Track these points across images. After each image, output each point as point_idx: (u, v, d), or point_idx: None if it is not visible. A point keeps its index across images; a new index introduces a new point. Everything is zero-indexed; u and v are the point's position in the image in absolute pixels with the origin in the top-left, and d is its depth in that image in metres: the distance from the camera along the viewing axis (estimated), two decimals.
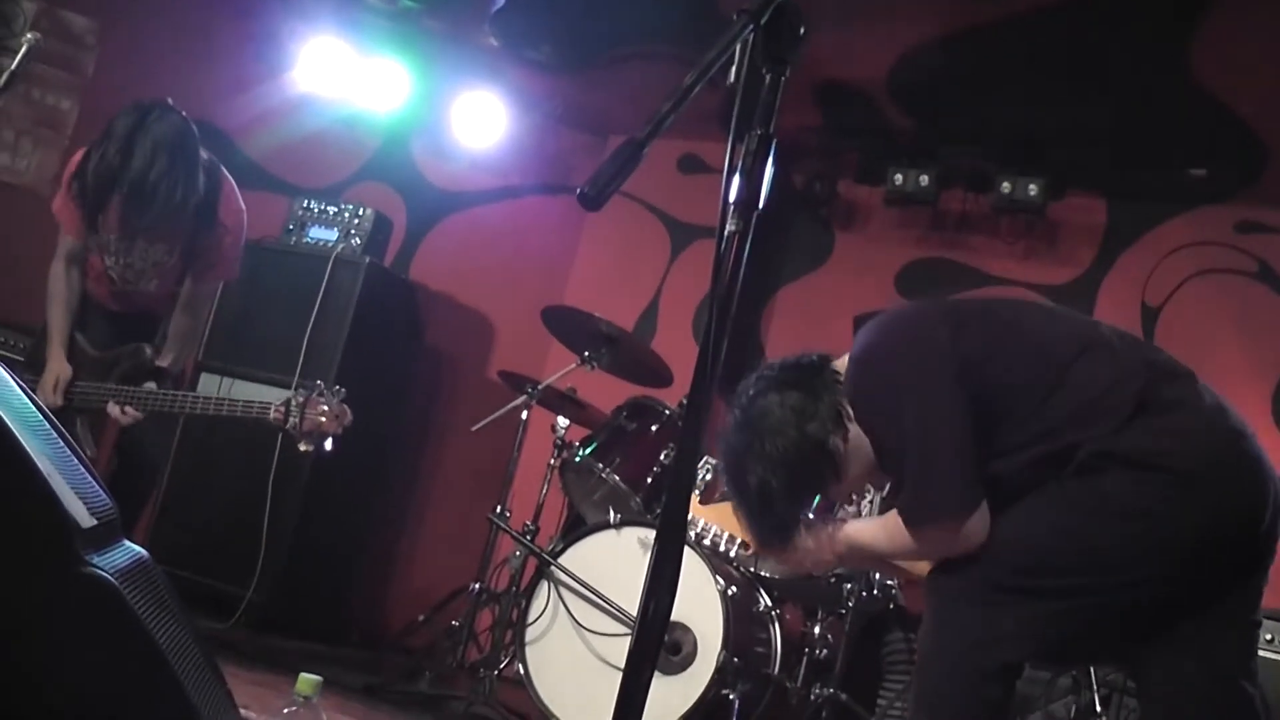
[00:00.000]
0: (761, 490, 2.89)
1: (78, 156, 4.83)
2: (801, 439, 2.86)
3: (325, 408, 4.46)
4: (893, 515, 2.88)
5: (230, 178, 4.98)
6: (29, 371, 4.83)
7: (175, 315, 4.99)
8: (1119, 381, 2.73)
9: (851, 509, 5.47)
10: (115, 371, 4.82)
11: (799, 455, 2.86)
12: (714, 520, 3.50)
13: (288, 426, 4.45)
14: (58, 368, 4.76)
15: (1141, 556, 2.67)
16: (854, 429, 2.90)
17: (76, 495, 2.02)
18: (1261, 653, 4.76)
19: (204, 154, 4.82)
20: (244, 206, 5.05)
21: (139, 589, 2.04)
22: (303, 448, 4.49)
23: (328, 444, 4.49)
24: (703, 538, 3.56)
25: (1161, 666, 2.80)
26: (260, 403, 4.58)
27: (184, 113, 4.76)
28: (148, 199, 4.57)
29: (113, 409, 4.67)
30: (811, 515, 3.02)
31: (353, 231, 6.79)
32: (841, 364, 2.99)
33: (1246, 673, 2.78)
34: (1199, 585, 2.71)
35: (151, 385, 4.78)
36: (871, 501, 5.22)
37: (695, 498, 3.43)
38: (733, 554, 3.56)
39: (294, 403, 4.46)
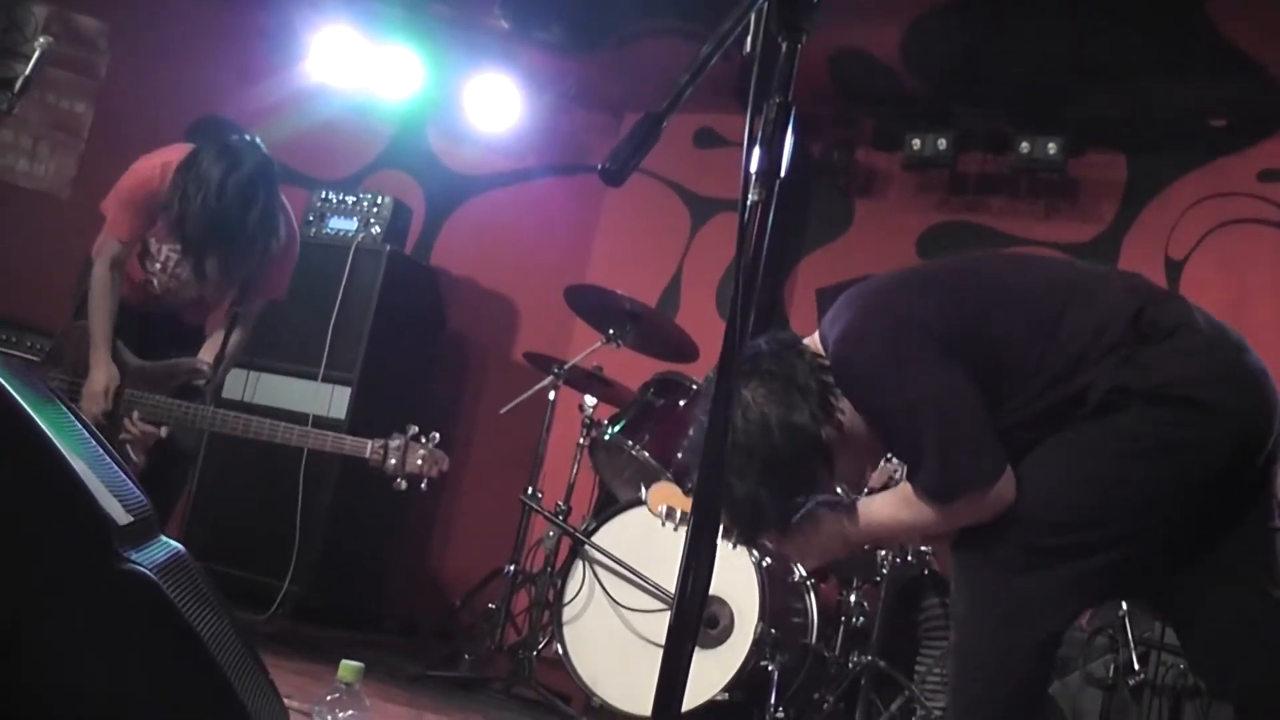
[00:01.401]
0: (751, 499, 2.75)
1: (145, 169, 4.76)
2: (789, 434, 2.72)
3: (424, 453, 4.59)
4: (906, 488, 2.78)
5: (285, 199, 4.93)
6: (54, 368, 4.81)
7: (233, 333, 4.95)
8: (1114, 313, 2.67)
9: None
10: (170, 385, 4.78)
11: (789, 452, 2.73)
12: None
13: (385, 468, 4.57)
14: (106, 373, 4.69)
15: (1182, 490, 2.63)
16: (846, 414, 2.79)
17: (111, 493, 2.02)
18: None
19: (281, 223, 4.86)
20: (296, 226, 5.08)
21: (178, 583, 2.04)
22: (401, 486, 4.61)
23: (423, 485, 4.64)
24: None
25: (1196, 595, 2.76)
26: (353, 441, 4.66)
27: (266, 151, 4.76)
28: (246, 250, 4.64)
29: (146, 428, 4.64)
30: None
31: (372, 220, 6.79)
32: (813, 343, 2.88)
33: (1275, 581, 2.74)
34: (1228, 506, 2.68)
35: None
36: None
37: (676, 490, 3.35)
38: (733, 545, 3.29)
39: (392, 446, 4.57)
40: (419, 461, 4.57)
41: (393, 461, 4.56)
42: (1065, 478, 2.69)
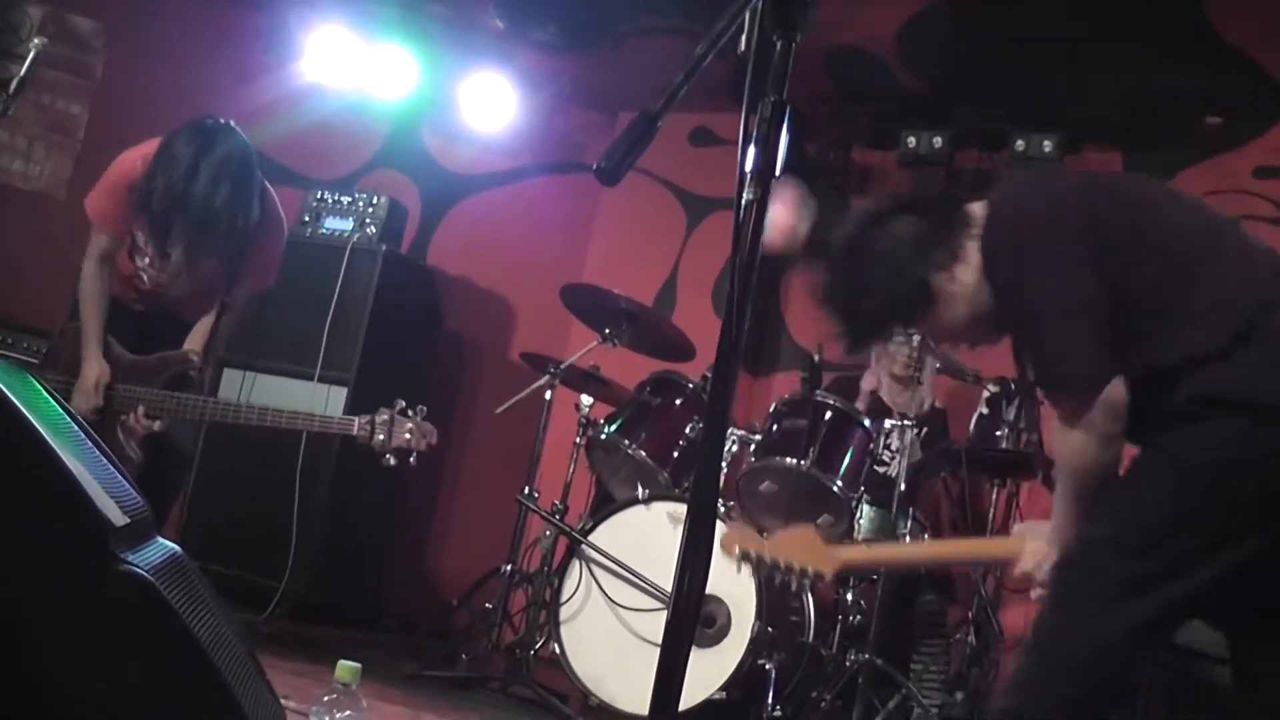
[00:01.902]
0: (851, 294, 2.87)
1: (127, 161, 4.75)
2: (906, 265, 2.82)
3: (411, 426, 4.60)
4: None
5: (269, 186, 4.93)
6: (51, 370, 4.80)
7: (219, 319, 4.93)
8: (1238, 292, 2.61)
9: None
10: (162, 377, 4.77)
11: (899, 279, 2.83)
12: (781, 553, 3.27)
13: (373, 444, 4.56)
14: (96, 368, 4.70)
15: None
16: (969, 276, 2.82)
17: (108, 494, 2.02)
18: None
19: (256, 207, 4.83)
20: (284, 215, 5.06)
21: (174, 584, 2.04)
22: (390, 462, 4.61)
23: (412, 459, 4.63)
24: (773, 577, 3.33)
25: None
26: (340, 419, 4.72)
27: (242, 134, 4.74)
28: (211, 227, 4.56)
29: (142, 420, 4.62)
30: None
31: (368, 220, 6.79)
32: (975, 210, 2.89)
33: None
34: None
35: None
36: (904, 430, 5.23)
37: (751, 533, 3.36)
38: (794, 586, 3.34)
39: (379, 421, 4.58)
40: (406, 435, 4.58)
41: (380, 437, 4.56)
42: (1149, 487, 2.66)
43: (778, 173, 1.98)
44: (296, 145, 7.06)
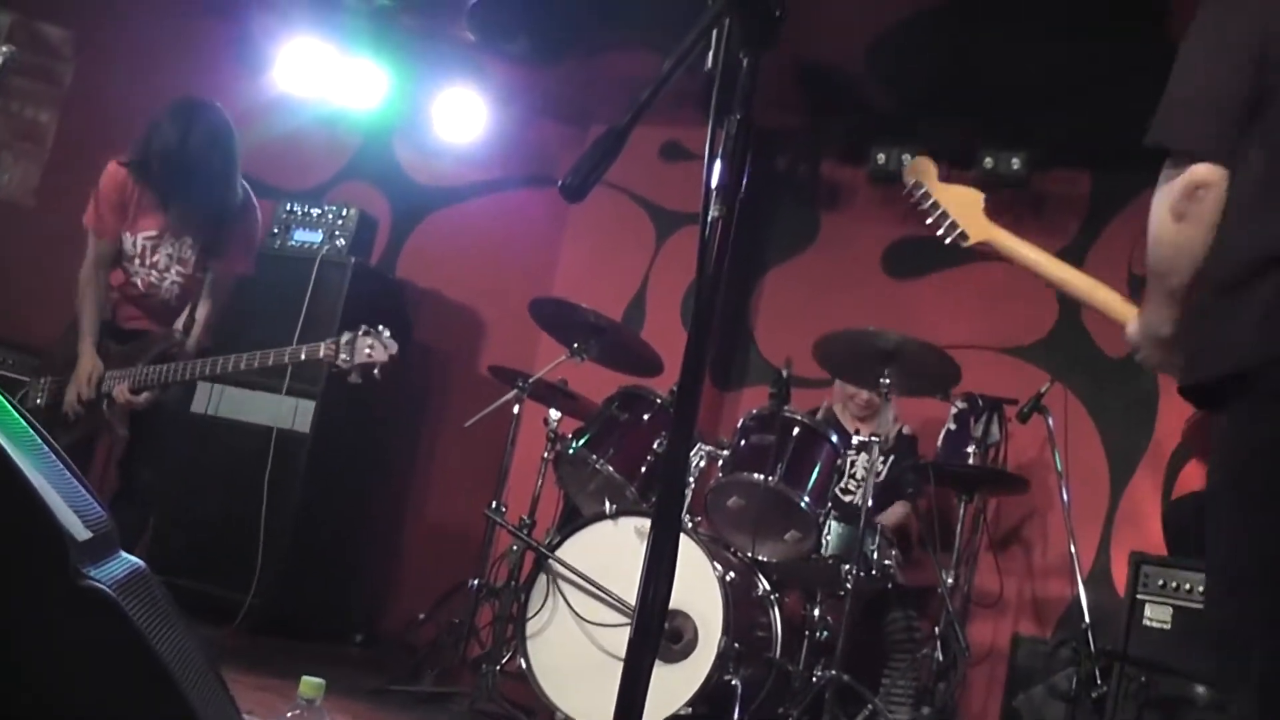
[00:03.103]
0: None
1: (113, 168, 5.04)
2: None
3: (372, 342, 4.69)
4: None
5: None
6: (50, 371, 5.09)
7: (200, 302, 5.13)
8: None
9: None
10: (147, 355, 4.97)
11: None
12: (944, 199, 3.23)
13: (338, 362, 4.68)
14: (90, 362, 4.95)
15: None
16: None
17: (71, 508, 2.01)
18: None
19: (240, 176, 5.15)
20: (256, 203, 5.28)
21: (137, 599, 2.02)
22: (356, 380, 4.72)
23: (376, 373, 4.72)
24: (928, 216, 3.25)
25: None
26: (308, 346, 4.81)
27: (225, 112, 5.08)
28: (208, 185, 4.96)
29: (121, 392, 4.85)
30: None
31: (337, 232, 6.78)
32: None
33: None
34: None
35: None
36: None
37: (935, 172, 3.32)
38: (949, 239, 3.17)
39: (342, 342, 4.69)
40: (368, 351, 4.67)
41: (344, 357, 4.67)
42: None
43: (743, 191, 1.98)
44: (266, 156, 7.02)
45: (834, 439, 5.30)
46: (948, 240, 3.14)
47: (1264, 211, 2.36)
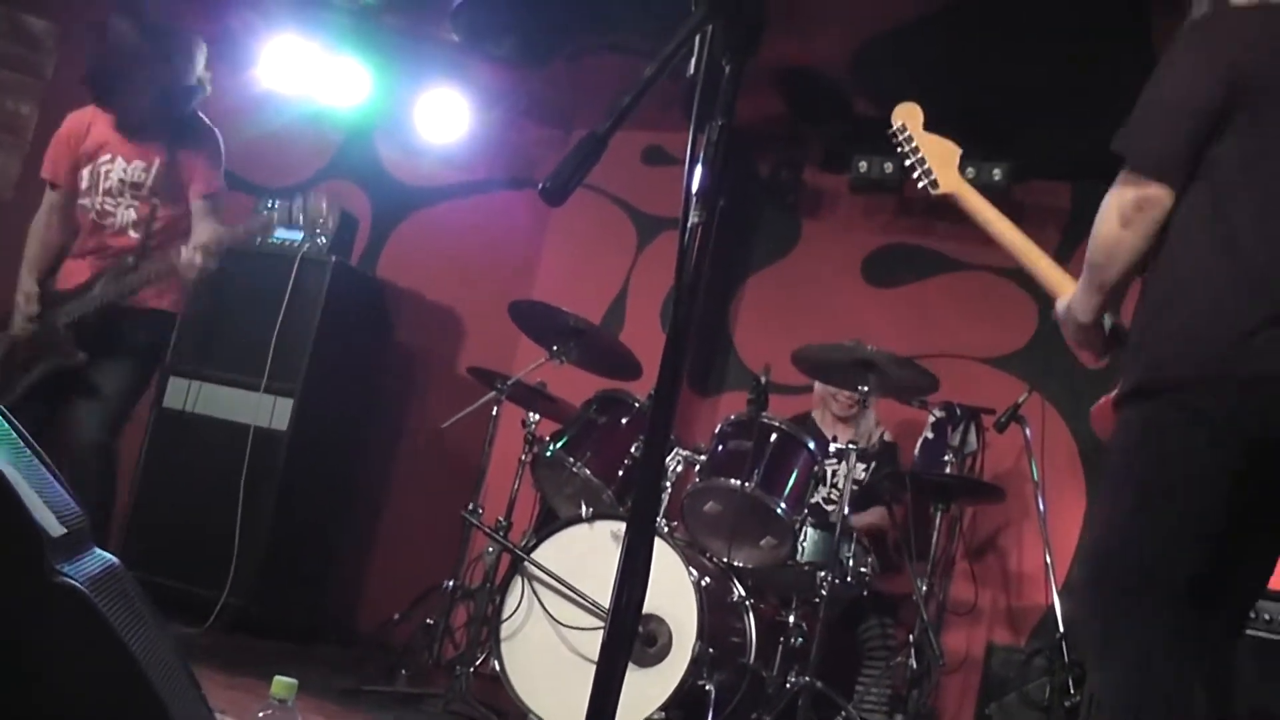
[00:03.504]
0: None
1: (70, 117, 5.28)
2: None
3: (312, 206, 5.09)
4: None
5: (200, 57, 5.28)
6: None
7: (194, 229, 5.09)
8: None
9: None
10: (99, 282, 5.02)
11: None
12: (924, 145, 3.46)
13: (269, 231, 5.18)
14: (23, 289, 5.06)
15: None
16: None
17: (45, 504, 2.01)
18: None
19: (195, 78, 5.22)
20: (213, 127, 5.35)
21: (111, 596, 2.04)
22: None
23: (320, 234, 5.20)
24: (905, 159, 3.48)
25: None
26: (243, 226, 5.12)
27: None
28: (165, 76, 5.09)
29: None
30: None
31: (318, 230, 6.74)
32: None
33: None
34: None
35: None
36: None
37: (920, 119, 3.46)
38: (921, 183, 3.40)
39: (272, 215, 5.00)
40: (312, 213, 5.09)
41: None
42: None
43: (722, 199, 1.98)
44: (248, 153, 7.01)
45: (811, 446, 5.30)
46: (920, 184, 3.38)
47: (1200, 237, 2.57)
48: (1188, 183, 2.60)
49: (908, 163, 3.44)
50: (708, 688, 4.81)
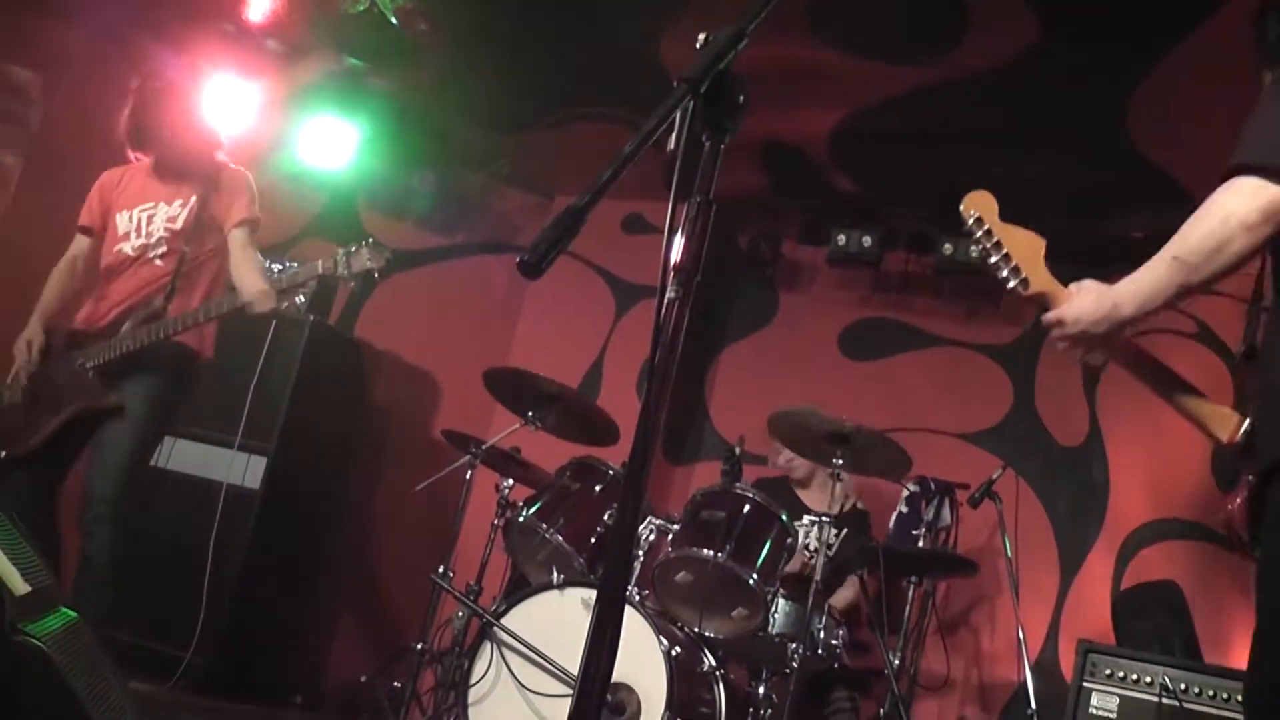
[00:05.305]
0: None
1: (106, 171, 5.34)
2: None
3: (365, 251, 4.90)
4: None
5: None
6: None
7: (232, 269, 5.14)
8: None
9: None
10: (125, 324, 4.95)
11: None
12: (1006, 238, 3.13)
13: (338, 274, 4.90)
14: (29, 331, 5.02)
15: None
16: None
17: (12, 562, 2.00)
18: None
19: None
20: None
21: (71, 654, 2.04)
22: (351, 285, 5.11)
23: (376, 275, 5.00)
24: (985, 253, 3.17)
25: None
26: (305, 265, 4.97)
27: None
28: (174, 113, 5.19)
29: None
30: None
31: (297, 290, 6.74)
32: None
33: None
34: None
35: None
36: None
37: (995, 208, 3.17)
38: (1011, 284, 3.11)
39: (339, 257, 4.89)
40: (367, 262, 4.89)
41: (342, 271, 4.88)
42: None
43: (699, 274, 2.00)
44: None
45: (784, 517, 5.29)
46: (1010, 285, 3.06)
47: None
48: None
49: (991, 260, 3.12)
50: None
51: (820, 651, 5.34)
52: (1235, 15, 4.55)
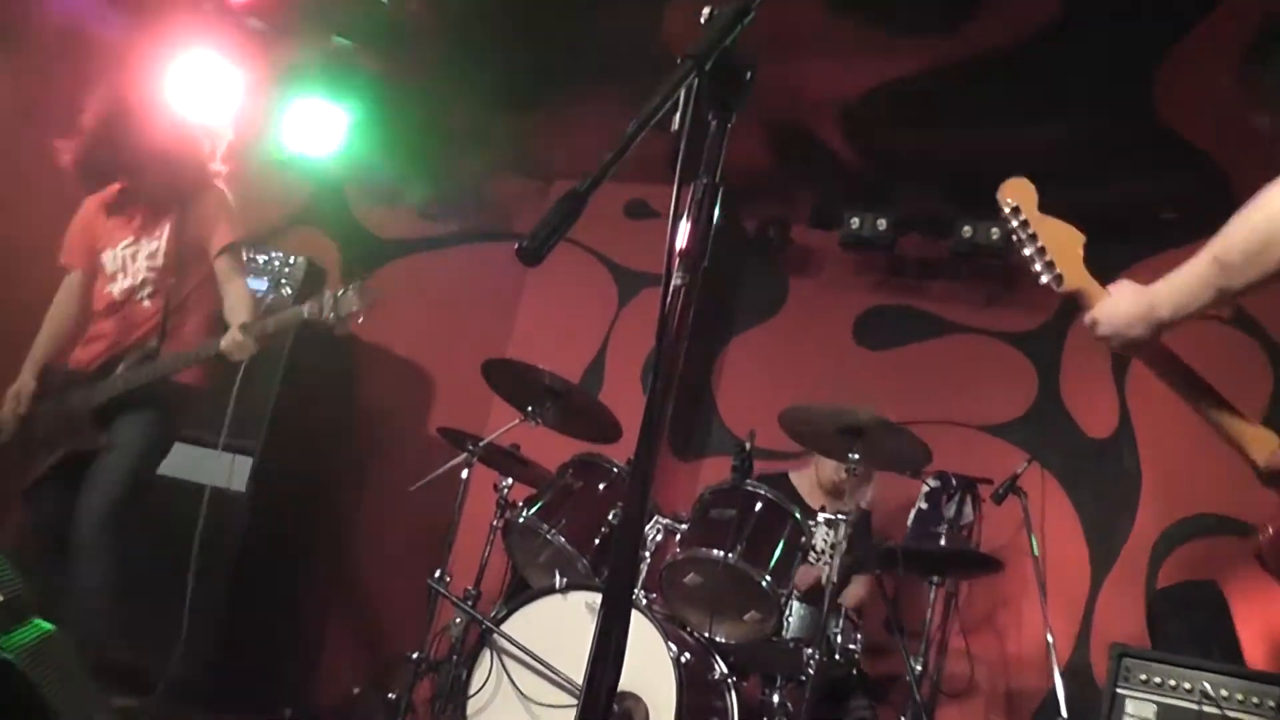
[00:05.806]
0: None
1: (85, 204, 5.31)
2: None
3: (352, 294, 4.89)
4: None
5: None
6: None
7: (229, 286, 5.18)
8: None
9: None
10: (120, 366, 5.01)
11: None
12: (1043, 231, 3.11)
13: (324, 318, 4.87)
14: (21, 380, 5.10)
15: None
16: None
17: None
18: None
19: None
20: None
21: (45, 666, 2.05)
22: (338, 331, 5.24)
23: (360, 320, 5.00)
24: (1023, 248, 3.14)
25: None
26: (292, 310, 4.98)
27: None
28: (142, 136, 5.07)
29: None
30: None
31: (283, 281, 6.64)
32: None
33: None
34: None
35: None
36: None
37: (1034, 198, 3.15)
38: (1045, 279, 3.09)
39: (325, 300, 4.86)
40: (353, 308, 4.90)
41: (329, 312, 4.86)
42: None
43: (706, 260, 1.98)
44: None
45: (798, 515, 5.13)
46: (1043, 280, 3.01)
47: None
48: None
49: (1026, 251, 3.09)
50: None
51: (837, 657, 5.26)
52: None
